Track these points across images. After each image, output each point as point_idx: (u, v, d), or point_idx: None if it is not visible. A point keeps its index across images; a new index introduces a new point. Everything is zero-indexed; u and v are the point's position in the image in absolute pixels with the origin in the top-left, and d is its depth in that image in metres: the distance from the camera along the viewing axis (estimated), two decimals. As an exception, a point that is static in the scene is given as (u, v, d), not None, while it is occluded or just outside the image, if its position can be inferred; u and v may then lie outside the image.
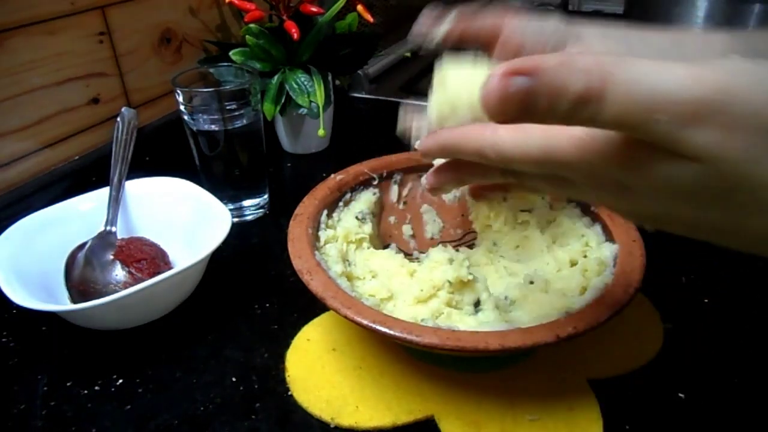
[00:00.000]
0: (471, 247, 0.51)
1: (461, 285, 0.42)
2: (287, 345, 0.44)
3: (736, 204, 0.20)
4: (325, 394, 0.39)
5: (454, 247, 0.50)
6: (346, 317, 0.35)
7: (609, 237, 0.43)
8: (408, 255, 0.51)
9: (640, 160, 0.20)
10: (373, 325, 0.34)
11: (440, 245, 0.48)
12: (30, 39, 0.58)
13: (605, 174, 0.22)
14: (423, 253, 0.51)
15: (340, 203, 0.49)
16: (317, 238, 0.44)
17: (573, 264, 0.44)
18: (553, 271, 0.45)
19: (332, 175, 0.49)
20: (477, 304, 0.42)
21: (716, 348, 0.44)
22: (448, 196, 0.53)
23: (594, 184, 0.23)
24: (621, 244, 0.42)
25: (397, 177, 0.52)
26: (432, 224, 0.53)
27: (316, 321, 0.46)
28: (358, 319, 0.35)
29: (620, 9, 1.20)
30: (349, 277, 0.44)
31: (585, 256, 0.44)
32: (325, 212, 0.47)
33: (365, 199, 0.50)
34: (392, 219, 0.53)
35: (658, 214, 0.23)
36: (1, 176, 0.58)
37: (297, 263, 0.39)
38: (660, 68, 0.18)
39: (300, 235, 0.42)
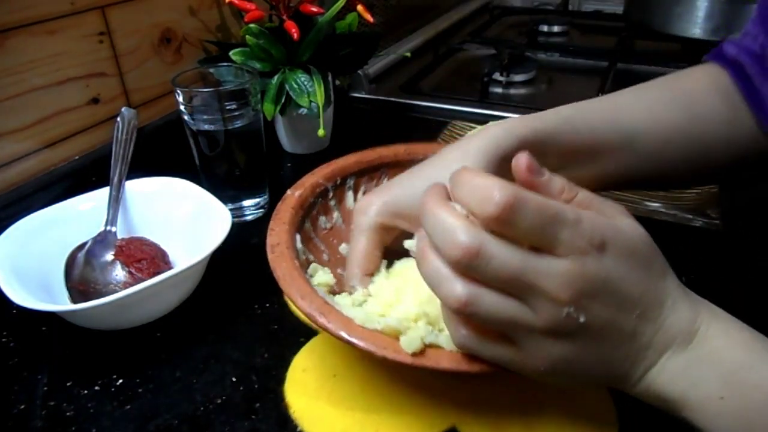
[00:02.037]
0: None
1: None
2: (287, 345, 0.44)
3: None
4: (339, 425, 0.38)
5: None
6: (384, 359, 0.33)
7: None
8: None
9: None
10: (418, 362, 0.33)
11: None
12: (30, 39, 0.58)
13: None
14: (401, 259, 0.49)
15: (307, 224, 0.46)
16: (302, 267, 0.40)
17: None
18: None
19: (289, 191, 0.46)
20: None
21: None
22: None
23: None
24: None
25: (350, 182, 0.50)
26: None
27: (306, 349, 0.43)
28: (400, 360, 0.33)
29: (620, 9, 1.20)
30: (354, 303, 0.40)
31: None
32: (299, 237, 0.43)
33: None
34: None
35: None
36: (1, 176, 0.58)
37: (303, 305, 0.35)
38: None
39: (290, 271, 0.38)
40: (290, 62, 0.67)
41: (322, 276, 0.41)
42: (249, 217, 0.60)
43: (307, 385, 0.41)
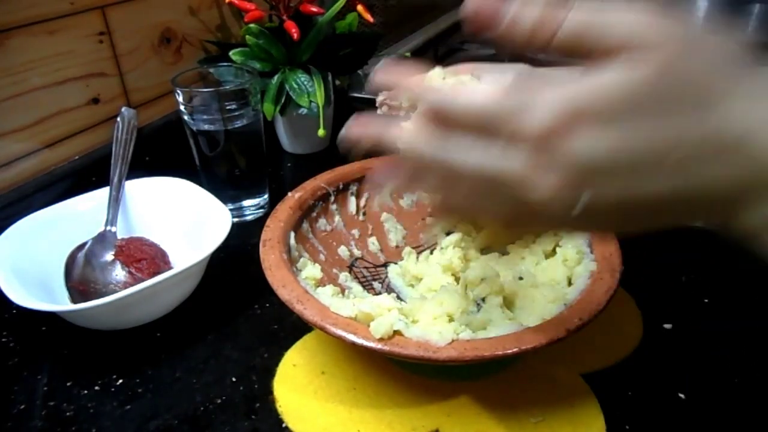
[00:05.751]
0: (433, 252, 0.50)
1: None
2: (287, 345, 0.44)
3: (685, 100, 0.22)
4: (322, 422, 0.38)
5: (419, 252, 0.50)
6: (353, 344, 0.34)
7: None
8: (378, 266, 0.50)
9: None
10: (386, 348, 0.34)
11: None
12: (30, 39, 0.58)
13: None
14: (395, 263, 0.50)
15: (304, 225, 0.47)
16: (293, 262, 0.42)
17: (548, 255, 0.45)
18: (532, 264, 0.45)
19: (289, 193, 0.48)
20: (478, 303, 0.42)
21: (716, 348, 0.44)
22: (406, 201, 0.52)
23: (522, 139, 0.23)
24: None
25: (353, 188, 0.51)
26: (394, 232, 0.52)
27: (299, 344, 0.44)
28: (367, 344, 0.34)
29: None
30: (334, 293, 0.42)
31: (559, 246, 0.44)
32: (293, 235, 0.45)
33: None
34: (356, 232, 0.51)
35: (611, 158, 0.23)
36: (1, 176, 0.58)
37: (283, 293, 0.37)
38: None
39: (277, 263, 0.40)
40: (290, 62, 0.67)
41: (310, 270, 0.42)
42: (249, 217, 0.60)
43: (296, 381, 0.41)
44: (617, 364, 0.42)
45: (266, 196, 0.61)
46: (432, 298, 0.40)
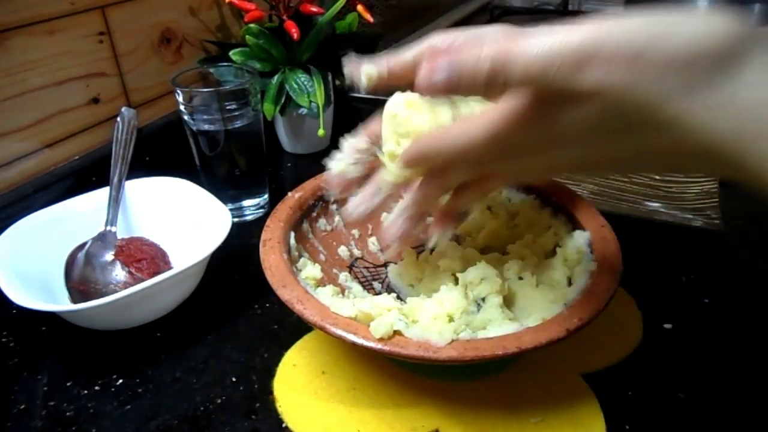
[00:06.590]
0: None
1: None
2: (287, 345, 0.44)
3: (633, 127, 0.24)
4: (321, 422, 0.38)
5: (419, 252, 0.50)
6: (353, 344, 0.34)
7: (577, 225, 0.44)
8: (378, 266, 0.50)
9: (549, 111, 0.26)
10: (386, 348, 0.34)
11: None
12: (30, 39, 0.58)
13: (529, 136, 0.27)
14: (395, 263, 0.50)
15: (304, 224, 0.47)
16: (293, 262, 0.42)
17: (548, 255, 0.44)
18: (532, 264, 0.45)
19: (289, 193, 0.48)
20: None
21: (716, 348, 0.44)
22: None
23: (523, 150, 0.28)
24: (591, 231, 0.43)
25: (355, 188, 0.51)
26: None
27: (299, 344, 0.44)
28: (367, 344, 0.34)
29: (620, 9, 1.20)
30: (334, 293, 0.42)
31: (559, 246, 0.44)
32: (293, 235, 0.45)
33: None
34: (356, 232, 0.51)
35: (576, 157, 0.27)
36: (1, 176, 0.58)
37: (283, 293, 0.37)
38: (545, 34, 0.23)
39: (277, 263, 0.40)
40: (290, 62, 0.67)
41: (311, 270, 0.42)
42: (249, 217, 0.60)
43: (296, 381, 0.41)
44: (617, 364, 0.42)
45: (266, 196, 0.61)
46: (432, 298, 0.40)
